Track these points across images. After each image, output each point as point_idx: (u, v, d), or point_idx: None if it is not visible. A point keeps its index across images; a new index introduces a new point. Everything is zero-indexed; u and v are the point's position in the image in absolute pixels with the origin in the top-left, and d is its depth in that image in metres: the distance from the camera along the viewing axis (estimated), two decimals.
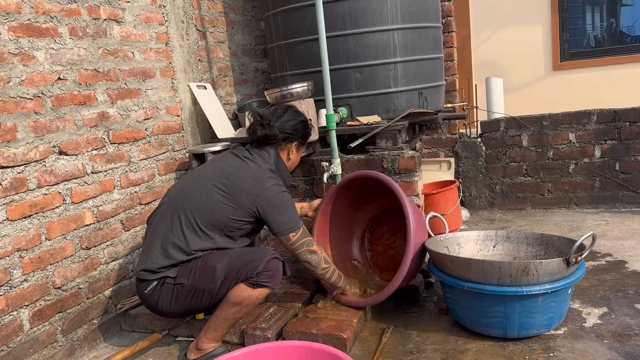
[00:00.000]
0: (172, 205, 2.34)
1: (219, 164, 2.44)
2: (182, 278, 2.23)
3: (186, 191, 2.36)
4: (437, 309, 2.68)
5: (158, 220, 2.34)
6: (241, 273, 2.19)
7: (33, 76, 2.41)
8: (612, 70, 5.26)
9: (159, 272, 2.25)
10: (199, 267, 2.23)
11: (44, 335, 2.42)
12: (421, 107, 3.55)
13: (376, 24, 3.36)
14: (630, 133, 3.93)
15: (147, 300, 2.31)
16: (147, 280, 2.27)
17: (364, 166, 3.09)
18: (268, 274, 2.20)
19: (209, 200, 2.29)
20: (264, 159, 2.43)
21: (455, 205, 3.64)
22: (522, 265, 2.13)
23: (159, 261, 2.25)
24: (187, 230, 2.26)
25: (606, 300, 2.60)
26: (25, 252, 2.34)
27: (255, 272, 2.18)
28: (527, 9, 5.42)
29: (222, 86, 3.98)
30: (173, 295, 2.25)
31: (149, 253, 2.28)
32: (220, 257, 2.24)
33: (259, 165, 2.38)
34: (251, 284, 2.19)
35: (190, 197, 2.32)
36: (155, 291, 2.26)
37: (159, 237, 2.29)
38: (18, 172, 2.32)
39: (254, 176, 2.33)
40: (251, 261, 2.20)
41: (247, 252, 2.29)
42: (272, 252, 2.26)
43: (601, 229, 3.64)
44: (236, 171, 2.34)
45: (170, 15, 3.32)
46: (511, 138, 4.25)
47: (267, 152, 2.46)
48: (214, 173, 2.37)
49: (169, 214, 2.32)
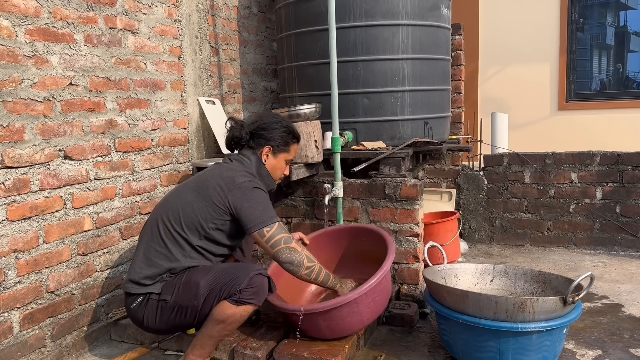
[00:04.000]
0: (153, 215, 2.39)
1: (199, 173, 2.48)
2: (166, 294, 2.21)
3: (165, 200, 2.41)
4: (430, 340, 2.65)
5: (142, 231, 2.39)
6: (224, 290, 2.14)
7: (45, 79, 2.44)
8: (617, 114, 5.32)
9: (144, 284, 2.24)
10: (182, 283, 2.21)
11: (32, 339, 2.39)
12: (426, 136, 3.58)
13: (387, 53, 3.40)
14: (633, 177, 3.95)
15: (134, 315, 2.30)
16: (134, 295, 2.26)
17: (366, 191, 3.10)
18: (252, 291, 2.14)
19: (182, 203, 2.30)
20: (244, 165, 2.43)
21: (455, 237, 3.63)
22: (519, 301, 2.12)
23: (142, 270, 2.25)
24: (166, 237, 2.28)
25: (601, 342, 2.58)
26: (21, 253, 2.33)
27: (238, 289, 2.13)
28: (536, 47, 5.51)
29: (230, 103, 4.01)
30: (158, 311, 2.23)
31: (134, 264, 2.31)
32: (204, 273, 2.20)
33: (234, 167, 2.39)
34: (234, 301, 2.14)
35: (167, 204, 2.36)
36: (141, 307, 2.25)
37: (142, 247, 2.32)
38: (22, 173, 2.33)
39: (226, 174, 2.32)
40: (235, 277, 2.15)
41: (232, 268, 2.24)
42: (257, 268, 2.21)
43: (599, 270, 3.62)
44: (210, 172, 2.37)
45: (185, 29, 3.37)
46: (513, 174, 4.26)
47: (247, 157, 2.47)
48: (192, 180, 2.42)
49: (149, 223, 2.36)
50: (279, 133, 2.50)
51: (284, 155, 2.56)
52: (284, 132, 2.52)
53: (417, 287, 3.07)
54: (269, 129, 2.49)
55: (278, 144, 2.51)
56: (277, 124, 2.52)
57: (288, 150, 2.56)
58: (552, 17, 5.44)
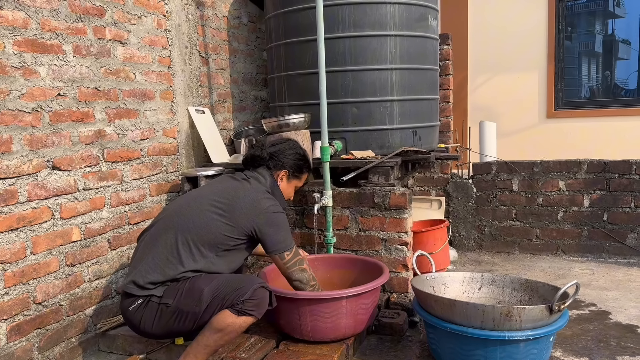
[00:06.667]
0: (167, 222, 2.37)
1: (217, 185, 2.52)
2: (168, 298, 2.22)
3: (183, 210, 2.39)
4: (420, 349, 2.66)
5: (152, 236, 2.36)
6: (227, 299, 2.18)
7: (33, 90, 2.44)
8: (605, 122, 5.37)
9: (147, 288, 2.23)
10: (186, 288, 2.23)
11: (19, 351, 2.38)
12: (415, 145, 3.60)
13: (375, 63, 3.43)
14: (619, 185, 3.99)
15: (130, 318, 2.28)
16: (133, 297, 2.25)
17: (355, 199, 3.11)
18: (254, 302, 2.19)
19: (206, 219, 2.32)
20: (260, 182, 2.51)
21: (444, 245, 3.65)
22: (506, 310, 2.13)
23: (148, 275, 2.24)
24: (182, 248, 2.27)
25: (588, 350, 2.60)
26: (8, 265, 2.32)
27: (241, 299, 2.17)
28: (524, 56, 5.56)
29: (220, 112, 4.02)
30: (157, 315, 2.23)
31: (139, 267, 2.28)
32: (209, 281, 2.24)
33: (256, 187, 2.46)
34: (236, 310, 2.17)
35: (187, 216, 2.34)
36: (140, 309, 2.24)
37: (152, 253, 2.29)
38: (9, 184, 2.32)
39: (252, 196, 2.39)
40: (239, 288, 2.19)
41: (236, 278, 2.28)
42: (260, 281, 2.26)
43: (587, 278, 3.65)
44: (234, 191, 2.41)
45: (175, 40, 3.38)
46: (502, 182, 4.29)
47: (262, 176, 2.54)
48: (212, 193, 2.43)
49: (163, 231, 2.34)
50: (296, 161, 2.64)
51: (296, 182, 2.71)
52: (300, 160, 2.66)
53: (406, 296, 3.08)
54: (288, 155, 2.62)
55: (294, 171, 2.64)
56: (295, 151, 2.66)
57: (300, 178, 2.71)
58: (540, 25, 5.51)
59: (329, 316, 2.44)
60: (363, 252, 3.13)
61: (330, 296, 2.44)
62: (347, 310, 2.46)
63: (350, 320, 2.49)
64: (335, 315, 2.45)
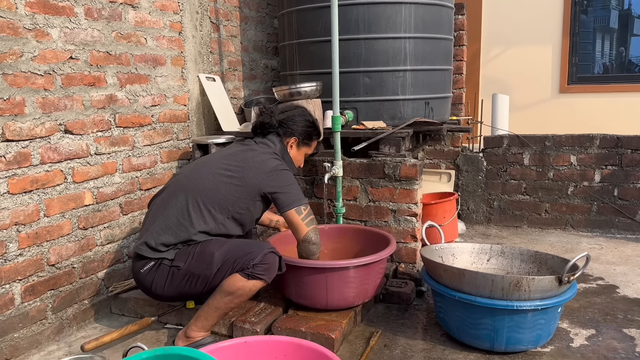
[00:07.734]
0: (178, 186, 2.40)
1: (226, 150, 2.56)
2: (179, 261, 2.25)
3: (193, 174, 2.42)
4: (426, 318, 2.69)
5: (163, 200, 2.39)
6: (238, 263, 2.21)
7: (46, 53, 2.43)
8: (618, 97, 5.29)
9: (159, 250, 2.26)
10: (197, 252, 2.26)
11: (34, 310, 2.42)
12: (427, 117, 3.57)
13: (389, 31, 3.38)
14: (632, 160, 3.96)
15: (142, 280, 2.32)
16: (145, 259, 2.28)
17: (366, 170, 3.11)
18: (264, 267, 2.22)
19: (216, 181, 2.34)
20: (270, 147, 2.52)
21: (453, 217, 3.65)
22: (515, 280, 2.14)
23: (159, 237, 2.27)
24: (193, 210, 2.30)
25: (595, 322, 2.61)
26: (22, 226, 2.35)
27: (252, 264, 2.20)
28: (539, 29, 5.46)
29: (230, 80, 3.99)
30: (168, 277, 2.27)
31: (151, 229, 2.31)
32: (219, 245, 2.27)
33: (264, 150, 2.48)
34: (246, 274, 2.20)
35: (197, 179, 2.37)
36: (151, 272, 2.28)
37: (163, 215, 2.32)
38: (22, 146, 2.33)
39: (261, 157, 2.42)
40: (249, 252, 2.22)
41: (246, 243, 2.32)
42: (270, 247, 2.29)
43: (595, 252, 3.65)
44: (244, 154, 2.44)
45: (186, 5, 3.34)
46: (513, 155, 4.27)
47: (272, 141, 2.56)
48: (222, 157, 2.47)
49: (174, 194, 2.36)
50: (305, 127, 2.64)
51: (305, 149, 2.71)
52: (310, 127, 2.66)
53: (414, 266, 3.10)
54: (297, 122, 2.62)
55: (303, 138, 2.64)
56: (304, 117, 2.65)
57: (310, 145, 2.72)
58: None
59: (337, 285, 2.46)
60: (372, 223, 3.14)
61: (339, 265, 2.46)
62: (355, 279, 2.48)
63: (359, 288, 2.51)
64: (344, 284, 2.47)
